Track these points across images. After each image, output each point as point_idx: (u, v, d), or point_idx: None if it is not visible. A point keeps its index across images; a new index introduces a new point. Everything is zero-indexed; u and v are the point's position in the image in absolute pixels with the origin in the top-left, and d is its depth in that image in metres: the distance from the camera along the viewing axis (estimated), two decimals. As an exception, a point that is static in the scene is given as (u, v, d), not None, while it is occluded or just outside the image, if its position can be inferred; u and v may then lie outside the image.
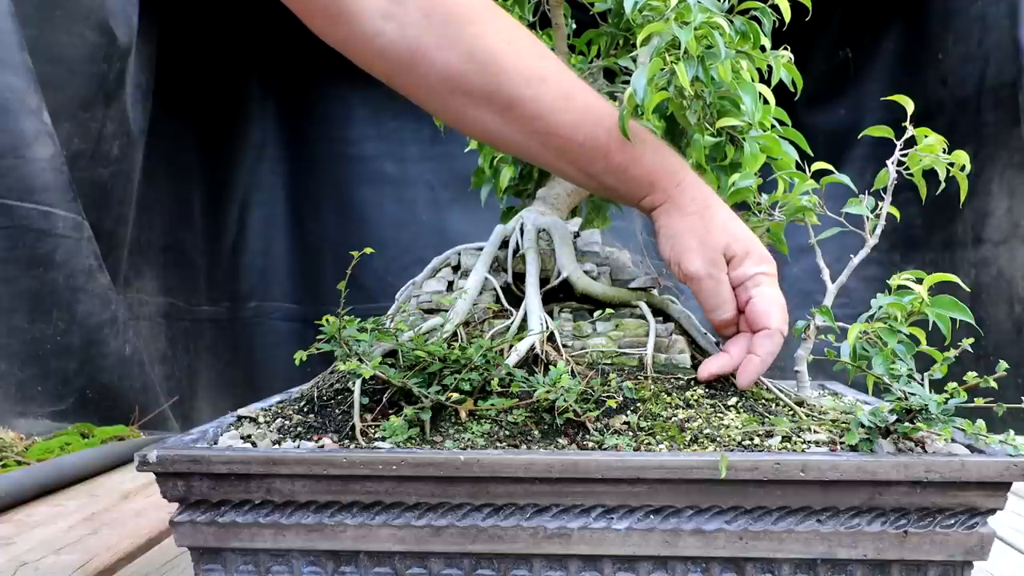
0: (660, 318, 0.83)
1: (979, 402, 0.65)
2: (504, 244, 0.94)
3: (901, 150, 0.76)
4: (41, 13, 1.73)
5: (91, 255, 1.76)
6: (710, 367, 0.74)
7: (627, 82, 0.96)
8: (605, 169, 0.74)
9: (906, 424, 0.65)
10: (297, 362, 0.72)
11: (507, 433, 0.69)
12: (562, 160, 0.75)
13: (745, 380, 0.72)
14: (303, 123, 2.87)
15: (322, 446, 0.68)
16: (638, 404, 0.72)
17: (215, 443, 0.70)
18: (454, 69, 0.70)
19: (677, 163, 0.75)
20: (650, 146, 0.74)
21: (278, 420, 0.74)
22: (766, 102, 0.82)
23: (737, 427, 0.69)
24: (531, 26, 1.06)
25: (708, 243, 0.72)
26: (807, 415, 0.72)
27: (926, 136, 0.75)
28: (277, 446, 0.69)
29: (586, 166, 0.75)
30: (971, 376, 0.65)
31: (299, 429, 0.72)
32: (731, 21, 0.77)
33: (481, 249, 0.93)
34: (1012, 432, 0.66)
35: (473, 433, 0.69)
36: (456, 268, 0.95)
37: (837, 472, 0.60)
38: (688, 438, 0.67)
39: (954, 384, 0.66)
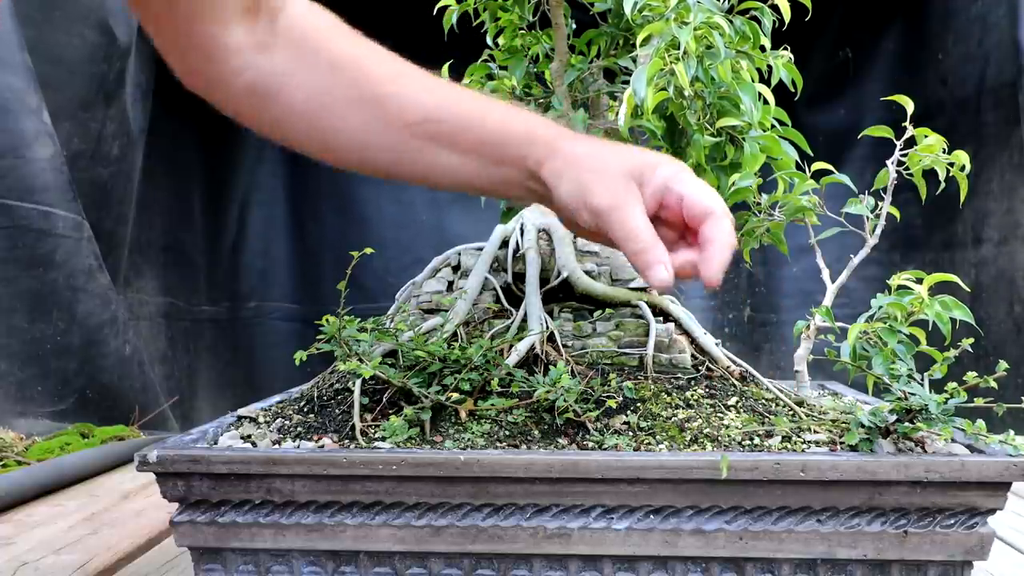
0: (660, 318, 0.83)
1: (979, 402, 0.65)
2: (504, 244, 0.94)
3: (901, 150, 0.76)
4: (41, 13, 1.73)
5: (91, 255, 1.76)
6: (663, 268, 0.59)
7: (627, 82, 0.96)
8: (482, 137, 0.69)
9: (906, 424, 0.65)
10: (297, 362, 0.72)
11: (507, 433, 0.69)
12: (443, 147, 0.69)
13: (714, 269, 0.59)
14: (303, 123, 2.87)
15: (322, 446, 0.68)
16: (638, 404, 0.72)
17: (215, 443, 0.70)
18: (320, 84, 0.70)
19: (560, 126, 0.70)
20: (529, 111, 0.71)
21: (278, 420, 0.74)
22: (766, 102, 0.82)
23: (737, 427, 0.69)
24: (531, 26, 1.06)
25: (610, 170, 0.64)
26: (807, 415, 0.72)
27: (926, 136, 0.75)
28: (277, 446, 0.69)
29: (462, 139, 0.69)
30: (971, 376, 0.65)
31: (299, 429, 0.72)
32: (731, 21, 0.77)
33: (481, 249, 0.93)
34: (1012, 432, 0.66)
35: (473, 433, 0.69)
36: (456, 268, 0.95)
37: (837, 472, 0.60)
38: (688, 438, 0.67)
39: (954, 384, 0.66)
